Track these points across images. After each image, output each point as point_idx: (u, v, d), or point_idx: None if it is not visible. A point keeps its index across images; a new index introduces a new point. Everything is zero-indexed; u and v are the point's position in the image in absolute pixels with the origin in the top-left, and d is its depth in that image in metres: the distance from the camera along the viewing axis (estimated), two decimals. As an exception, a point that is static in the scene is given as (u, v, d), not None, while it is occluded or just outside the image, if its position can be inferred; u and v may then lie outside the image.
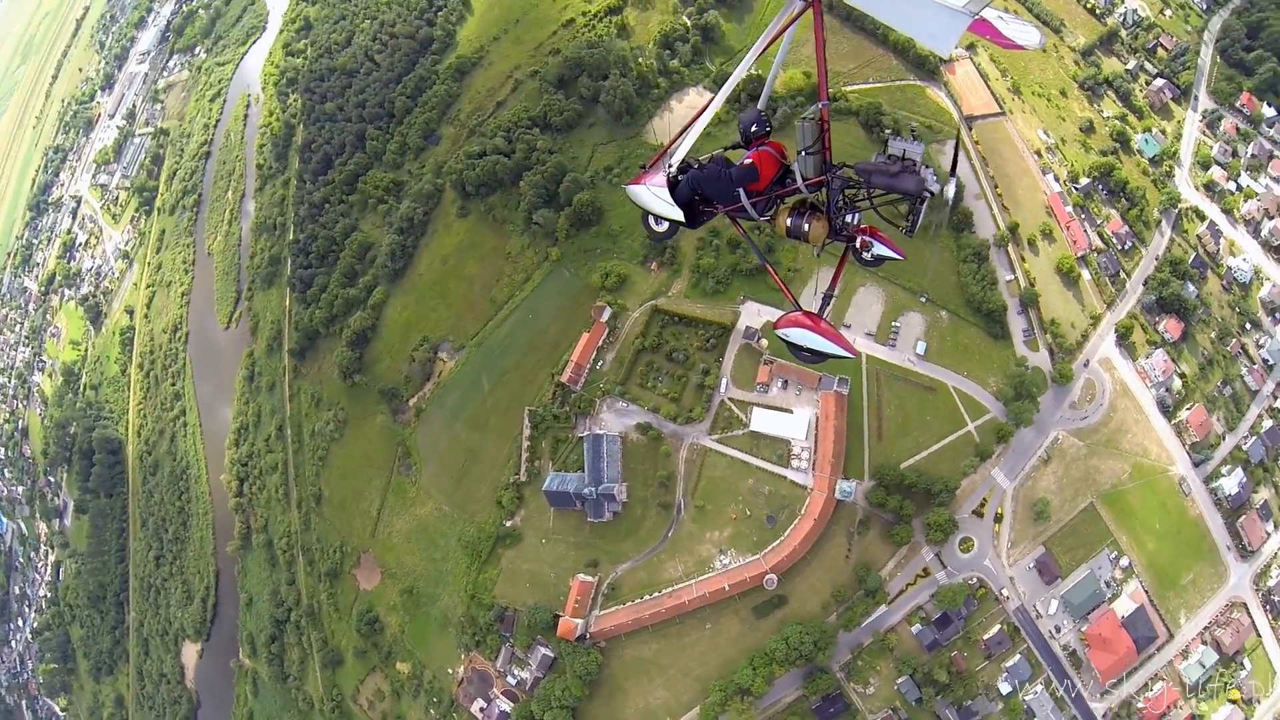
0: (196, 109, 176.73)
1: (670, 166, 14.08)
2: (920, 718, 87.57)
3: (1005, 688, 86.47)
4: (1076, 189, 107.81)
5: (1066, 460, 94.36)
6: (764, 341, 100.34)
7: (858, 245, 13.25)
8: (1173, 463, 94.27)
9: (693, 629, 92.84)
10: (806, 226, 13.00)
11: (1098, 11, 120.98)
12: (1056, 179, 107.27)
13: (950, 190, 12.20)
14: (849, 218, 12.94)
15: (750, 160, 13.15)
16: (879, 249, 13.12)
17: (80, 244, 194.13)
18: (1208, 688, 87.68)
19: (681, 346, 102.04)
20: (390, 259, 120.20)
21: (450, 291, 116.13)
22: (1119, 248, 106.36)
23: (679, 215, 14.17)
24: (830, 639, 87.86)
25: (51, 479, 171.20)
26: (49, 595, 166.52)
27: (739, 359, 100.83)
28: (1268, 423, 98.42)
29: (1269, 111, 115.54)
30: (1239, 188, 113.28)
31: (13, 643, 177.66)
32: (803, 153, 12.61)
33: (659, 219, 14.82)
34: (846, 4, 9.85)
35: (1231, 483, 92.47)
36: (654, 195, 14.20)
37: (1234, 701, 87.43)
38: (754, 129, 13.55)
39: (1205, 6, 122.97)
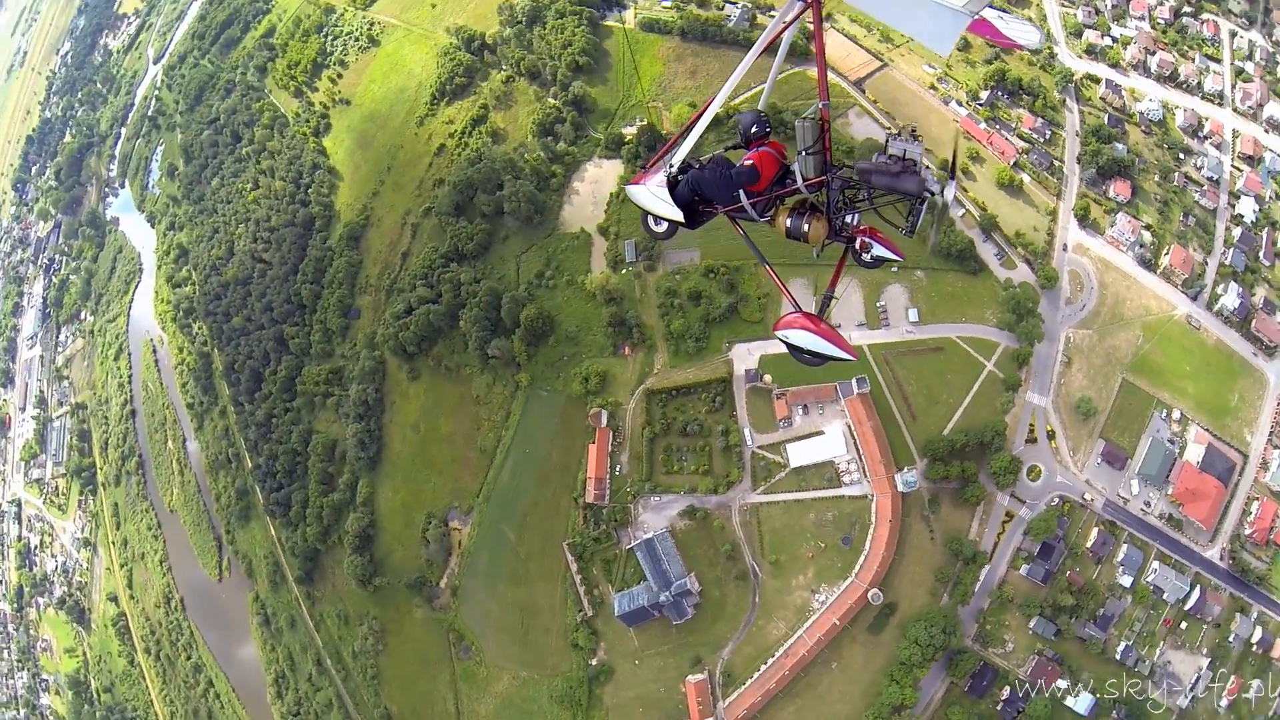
0: (104, 372, 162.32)
1: (671, 167, 13.42)
2: (1066, 647, 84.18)
3: (1126, 580, 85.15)
4: (980, 105, 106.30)
5: (1085, 353, 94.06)
6: (767, 378, 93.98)
7: (857, 246, 12.67)
8: (1174, 307, 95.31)
9: (821, 675, 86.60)
10: (806, 227, 12.44)
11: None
12: (959, 103, 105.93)
13: (950, 192, 11.58)
14: (849, 218, 12.39)
15: (750, 161, 12.64)
16: (878, 250, 12.56)
17: (36, 547, 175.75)
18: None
19: (690, 418, 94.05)
20: (360, 449, 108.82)
21: (435, 458, 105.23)
22: (1042, 140, 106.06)
23: (679, 215, 13.47)
24: (953, 620, 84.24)
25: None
26: None
27: (752, 405, 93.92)
28: (1236, 230, 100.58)
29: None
30: (1115, 39, 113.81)
31: None
32: (803, 153, 12.00)
33: (658, 219, 14.13)
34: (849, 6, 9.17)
35: (1231, 298, 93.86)
36: (654, 195, 13.57)
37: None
38: (754, 130, 12.95)
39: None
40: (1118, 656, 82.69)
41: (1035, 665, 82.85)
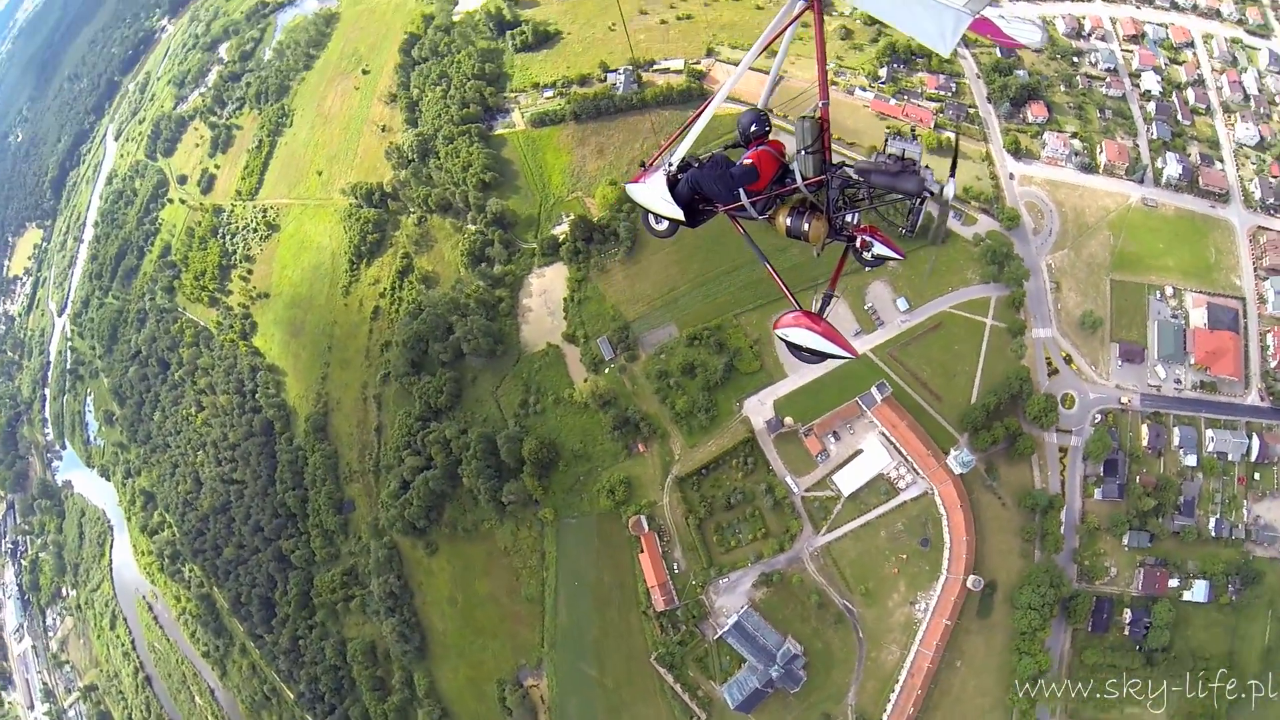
0: (104, 645, 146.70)
1: (670, 165, 12.74)
2: (1164, 547, 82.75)
3: (1191, 459, 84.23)
4: (882, 83, 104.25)
5: (1068, 272, 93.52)
6: (789, 420, 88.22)
7: (858, 245, 12.07)
8: (1128, 197, 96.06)
9: (952, 678, 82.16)
10: (806, 226, 11.87)
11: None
12: (863, 89, 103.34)
13: (950, 191, 11.09)
14: (848, 217, 11.84)
15: (750, 160, 12.06)
16: (879, 248, 11.90)
17: None
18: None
19: (729, 489, 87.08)
20: (402, 641, 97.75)
21: (483, 624, 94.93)
22: (950, 94, 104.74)
23: (679, 214, 12.77)
24: (1055, 571, 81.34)
25: None
26: None
27: (783, 453, 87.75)
28: (1150, 106, 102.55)
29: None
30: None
31: None
32: (802, 152, 11.44)
33: (659, 218, 13.34)
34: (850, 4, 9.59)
35: (1172, 167, 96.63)
36: (654, 194, 12.79)
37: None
38: (753, 128, 12.41)
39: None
40: (1212, 533, 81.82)
41: (1144, 578, 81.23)
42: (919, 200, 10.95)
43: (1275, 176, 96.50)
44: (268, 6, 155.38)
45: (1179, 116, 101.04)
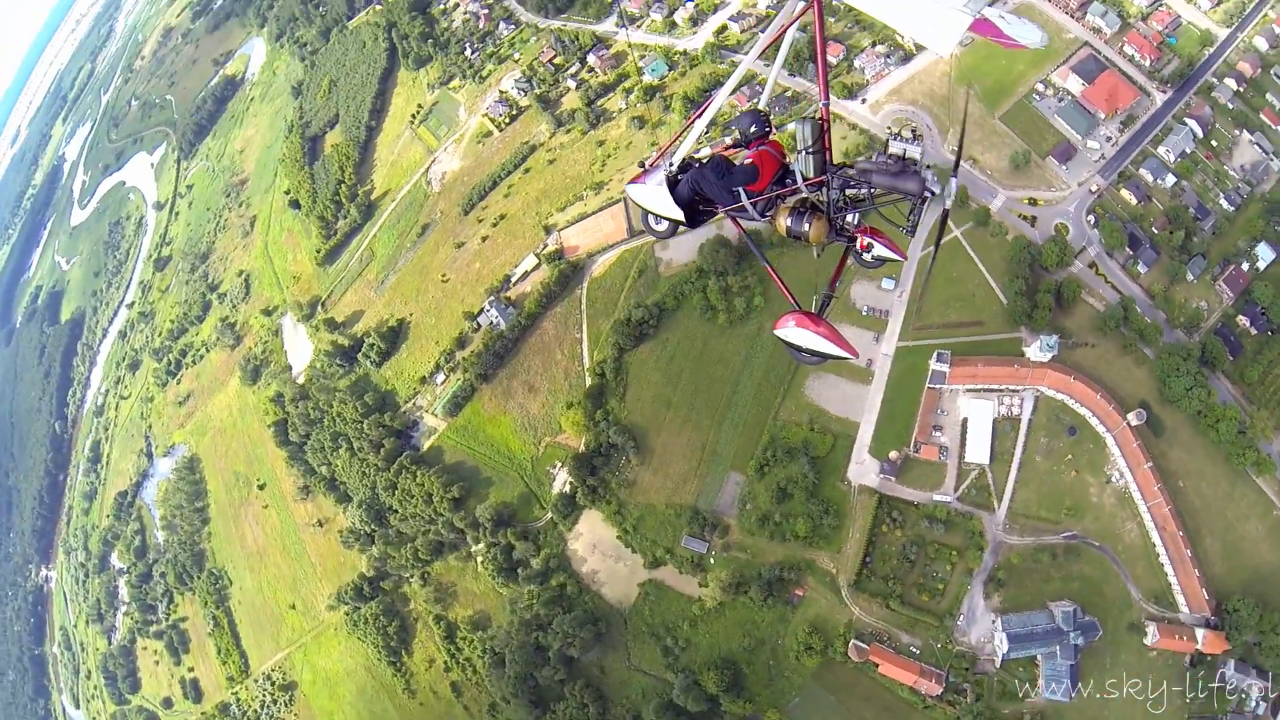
0: None
1: (671, 165, 12.17)
2: (1214, 251, 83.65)
3: (1169, 179, 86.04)
4: (706, 133, 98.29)
5: (976, 144, 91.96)
6: (892, 455, 77.98)
7: (858, 246, 11.32)
8: (948, 54, 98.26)
9: (1185, 498, 76.84)
10: (806, 226, 11.11)
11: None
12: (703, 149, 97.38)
13: (951, 192, 10.22)
14: (849, 218, 11.00)
15: (751, 160, 11.45)
16: (879, 249, 11.23)
17: None
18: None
19: (898, 551, 75.68)
20: None
21: None
22: (753, 102, 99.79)
23: (679, 214, 12.15)
24: (1174, 350, 78.81)
25: None
26: None
27: (914, 482, 78.05)
28: None
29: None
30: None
31: None
32: (803, 152, 10.86)
33: (659, 218, 12.67)
34: (849, 5, 8.68)
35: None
36: (654, 194, 12.15)
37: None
38: (754, 129, 11.78)
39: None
40: (1229, 209, 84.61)
41: (1225, 286, 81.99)
42: (920, 201, 10.17)
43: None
44: (126, 495, 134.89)
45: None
